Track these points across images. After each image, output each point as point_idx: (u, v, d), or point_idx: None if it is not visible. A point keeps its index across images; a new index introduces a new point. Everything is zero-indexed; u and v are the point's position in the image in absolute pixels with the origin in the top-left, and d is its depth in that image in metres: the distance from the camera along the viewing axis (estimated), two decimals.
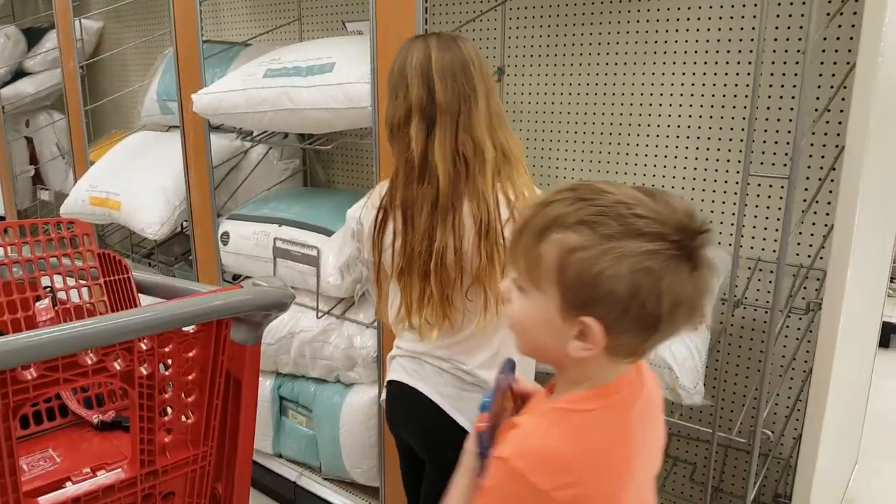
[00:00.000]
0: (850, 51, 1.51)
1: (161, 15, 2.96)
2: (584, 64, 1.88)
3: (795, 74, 1.59)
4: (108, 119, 3.48)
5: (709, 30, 1.69)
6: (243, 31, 2.72)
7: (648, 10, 1.75)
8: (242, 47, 2.47)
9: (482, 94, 1.21)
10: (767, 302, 1.69)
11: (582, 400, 0.73)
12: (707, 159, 1.75)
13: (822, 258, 1.55)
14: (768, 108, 1.63)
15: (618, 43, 1.81)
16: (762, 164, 1.65)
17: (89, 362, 0.85)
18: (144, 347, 0.89)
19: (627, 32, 1.79)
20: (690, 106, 1.74)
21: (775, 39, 1.59)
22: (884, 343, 2.94)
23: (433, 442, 1.35)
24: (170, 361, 0.94)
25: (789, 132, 1.62)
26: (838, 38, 1.52)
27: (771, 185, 1.66)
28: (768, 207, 1.68)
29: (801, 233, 1.60)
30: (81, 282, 1.22)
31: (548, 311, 0.72)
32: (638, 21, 1.77)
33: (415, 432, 1.38)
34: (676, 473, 1.94)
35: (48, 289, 1.20)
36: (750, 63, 1.64)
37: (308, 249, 1.98)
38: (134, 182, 2.37)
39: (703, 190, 1.77)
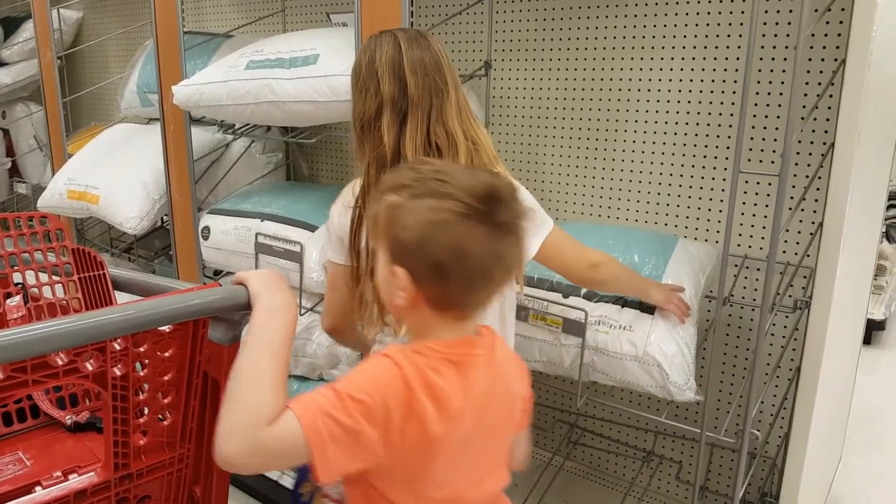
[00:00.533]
0: (837, 47, 1.50)
1: (142, 5, 2.90)
2: (571, 58, 1.86)
3: (784, 71, 1.58)
4: (86, 111, 3.41)
5: (697, 25, 1.67)
6: (226, 23, 2.67)
7: (637, 5, 1.73)
8: (224, 39, 2.42)
9: (452, 88, 1.22)
10: (754, 300, 1.69)
11: (419, 346, 0.84)
12: (694, 155, 1.74)
13: (808, 256, 1.54)
14: (756, 104, 1.61)
15: (606, 37, 1.79)
16: (749, 160, 1.64)
17: (60, 363, 0.81)
18: (118, 347, 0.85)
19: (615, 27, 1.77)
20: (678, 102, 1.72)
21: (763, 35, 1.58)
22: (865, 339, 2.96)
23: None
24: (145, 361, 0.91)
25: (777, 129, 1.61)
26: (826, 35, 1.51)
27: (758, 183, 1.65)
28: (755, 205, 1.67)
29: (787, 230, 1.59)
30: (55, 278, 1.18)
31: (384, 266, 0.85)
32: (626, 15, 1.75)
33: None
34: (662, 472, 1.93)
35: (20, 285, 1.16)
36: (738, 59, 1.63)
37: (291, 245, 1.94)
38: (113, 175, 2.32)
39: (691, 186, 1.76)
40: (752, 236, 1.69)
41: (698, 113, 1.71)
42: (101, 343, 0.82)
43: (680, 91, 1.72)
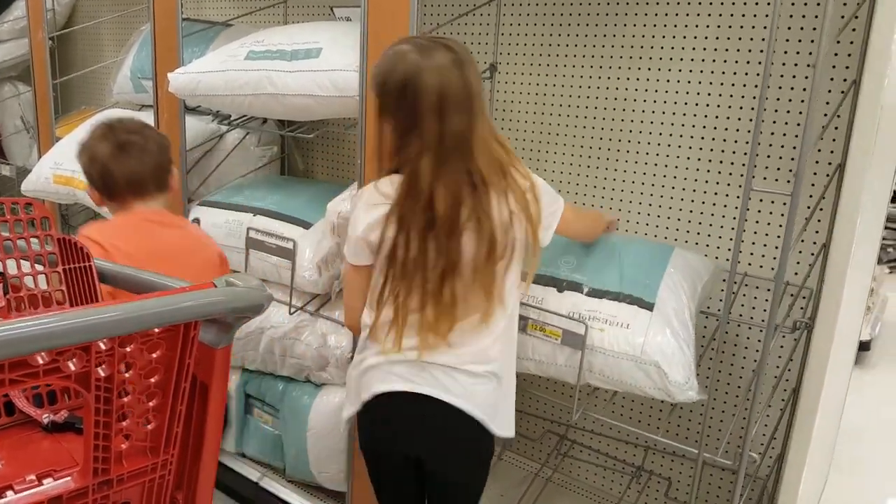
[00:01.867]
0: (847, 67, 1.48)
1: None
2: (579, 63, 1.82)
3: (792, 88, 1.55)
4: (77, 94, 3.33)
5: (711, 34, 1.64)
6: (225, 11, 2.61)
7: (648, 8, 1.70)
8: (223, 27, 2.36)
9: (483, 104, 1.26)
10: (752, 318, 1.66)
11: None
12: (698, 169, 1.71)
13: (809, 276, 1.52)
14: (763, 121, 1.59)
15: (615, 43, 1.76)
16: (764, 178, 1.60)
17: (40, 362, 0.76)
18: (103, 347, 0.81)
19: (626, 33, 1.74)
20: (688, 112, 1.69)
21: (785, 52, 1.55)
22: None
23: (470, 459, 1.34)
24: (131, 363, 0.86)
25: (783, 147, 1.58)
26: (836, 55, 1.48)
27: (761, 200, 1.62)
28: (757, 222, 1.64)
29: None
30: (38, 268, 1.12)
31: None
32: (638, 22, 1.72)
33: (444, 449, 1.32)
34: (650, 488, 1.90)
35: (0, 274, 1.10)
36: (747, 73, 1.60)
37: (284, 242, 1.89)
38: None
39: (693, 200, 1.73)
40: (752, 253, 1.67)
41: (705, 126, 1.68)
42: (86, 343, 0.78)
43: (690, 101, 1.69)
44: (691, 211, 1.73)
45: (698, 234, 1.73)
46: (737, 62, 1.62)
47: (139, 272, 1.07)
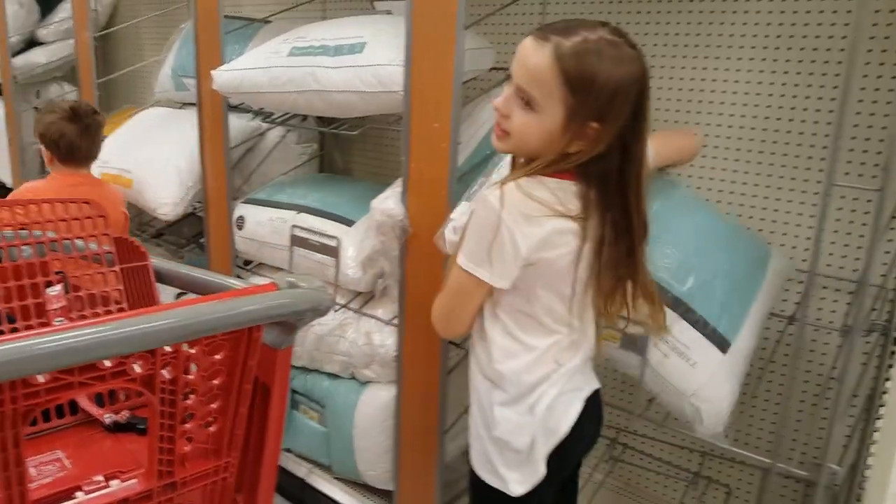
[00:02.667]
0: None
1: None
2: None
3: (888, 77, 1.46)
4: (119, 93, 3.38)
5: (782, 16, 1.56)
6: (262, 8, 2.61)
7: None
8: (262, 24, 2.36)
9: None
10: (818, 319, 1.59)
11: None
12: (772, 164, 1.61)
13: (887, 276, 1.44)
14: (858, 112, 1.48)
15: (678, 31, 1.69)
16: (846, 173, 1.51)
17: (108, 365, 0.76)
18: (168, 350, 0.80)
19: (689, 21, 1.66)
20: (756, 105, 1.60)
21: (872, 38, 1.44)
22: None
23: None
24: (194, 365, 0.85)
25: (867, 139, 1.48)
26: None
27: (843, 197, 1.53)
28: (837, 220, 1.55)
29: (859, 247, 1.50)
30: (96, 267, 1.13)
31: None
32: (703, 8, 1.65)
33: (597, 433, 1.29)
34: (708, 496, 1.85)
35: (60, 274, 1.11)
36: (829, 50, 1.50)
37: (328, 239, 1.89)
38: (147, 160, 2.28)
39: (766, 197, 1.64)
40: (831, 253, 1.58)
41: (780, 118, 1.58)
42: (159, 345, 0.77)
43: (763, 91, 1.59)
44: (764, 208, 1.65)
45: (772, 232, 1.65)
46: (815, 49, 1.52)
47: (197, 271, 1.06)
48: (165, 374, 0.82)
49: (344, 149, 2.52)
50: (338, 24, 1.87)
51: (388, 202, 1.72)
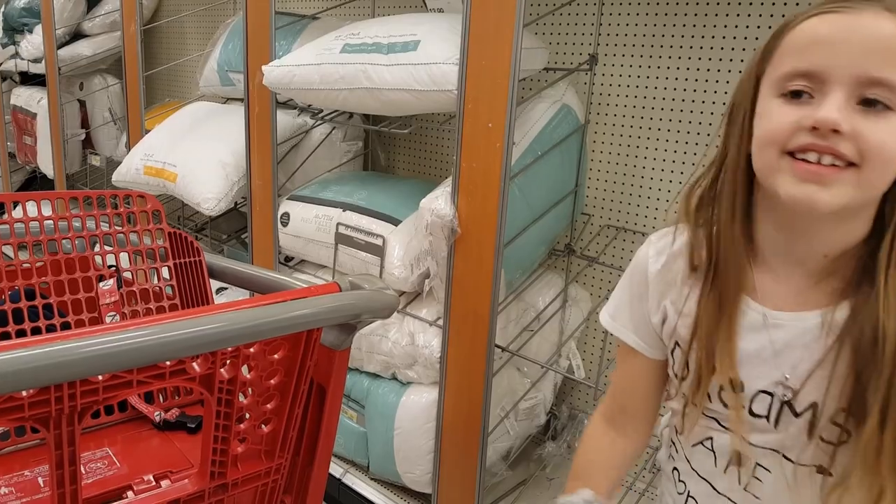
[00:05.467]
0: None
1: None
2: (686, 55, 1.72)
3: None
4: (161, 87, 3.40)
5: None
6: (310, 4, 2.60)
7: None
8: (310, 20, 2.35)
9: None
10: None
11: None
12: None
13: None
14: None
15: (729, 35, 1.65)
16: None
17: (167, 363, 0.74)
18: (229, 349, 0.78)
19: (737, 24, 1.63)
20: None
21: None
22: None
23: None
24: (252, 364, 0.83)
25: None
26: None
27: None
28: None
29: None
30: (149, 262, 1.11)
31: None
32: (751, 11, 1.61)
33: None
34: None
35: (113, 268, 1.10)
36: None
37: (373, 238, 1.86)
38: (192, 154, 2.28)
39: None
40: None
41: None
42: (222, 347, 0.74)
43: None
44: None
45: None
46: None
47: (252, 268, 1.04)
48: (224, 372, 0.79)
49: (388, 147, 2.50)
50: (391, 21, 1.84)
51: (438, 202, 1.69)
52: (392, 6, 2.34)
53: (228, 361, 0.79)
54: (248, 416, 0.87)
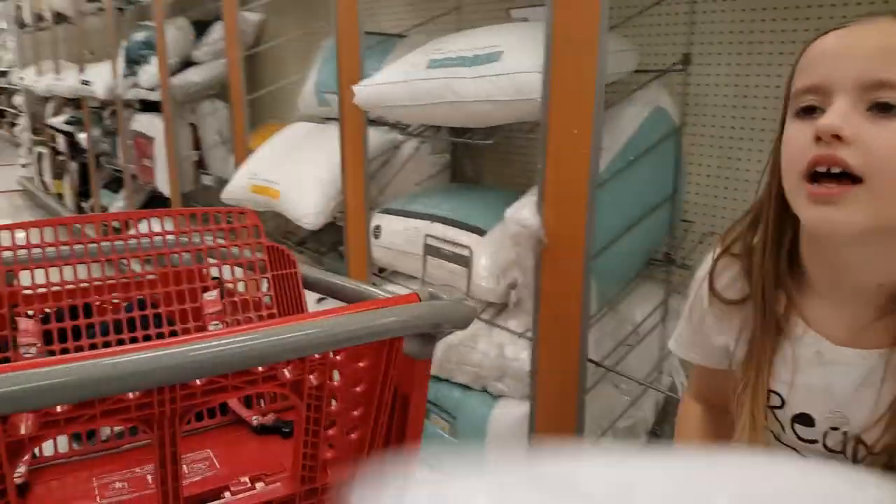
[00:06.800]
0: None
1: (319, 7, 2.99)
2: (786, 52, 1.64)
3: None
4: (264, 109, 3.58)
5: None
6: (399, 23, 2.67)
7: None
8: (398, 39, 2.41)
9: None
10: None
11: None
12: None
13: None
14: None
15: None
16: None
17: (260, 370, 0.78)
18: (316, 356, 0.81)
19: (833, 17, 1.53)
20: None
21: None
22: None
23: None
24: (339, 371, 0.86)
25: None
26: None
27: None
28: None
29: None
30: (249, 273, 1.18)
31: None
32: (850, 11, 1.50)
33: None
34: None
35: (216, 279, 1.17)
36: None
37: (460, 249, 1.88)
38: (293, 172, 2.39)
39: None
40: None
41: None
42: (308, 354, 0.78)
43: None
44: None
45: None
46: None
47: (341, 279, 1.08)
48: (312, 379, 0.83)
49: (474, 158, 2.52)
50: (474, 34, 1.86)
51: (524, 212, 1.69)
52: (477, 20, 2.36)
53: (316, 369, 0.82)
54: (336, 422, 0.90)
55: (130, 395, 0.71)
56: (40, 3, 5.89)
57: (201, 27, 3.50)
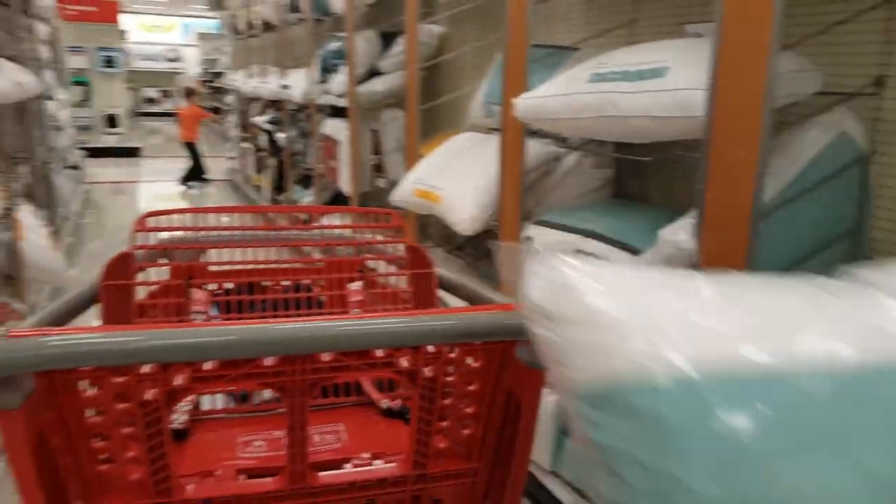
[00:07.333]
0: None
1: (496, 20, 3.07)
2: None
3: None
4: (443, 118, 3.75)
5: None
6: (575, 35, 2.68)
7: None
8: (571, 52, 2.42)
9: None
10: None
11: None
12: None
13: None
14: None
15: None
16: None
17: (379, 355, 0.85)
18: (431, 350, 0.87)
19: None
20: None
21: None
22: None
23: None
24: (454, 368, 0.91)
25: None
26: None
27: None
28: None
29: None
30: (391, 269, 1.27)
31: None
32: None
33: None
34: None
35: (363, 271, 1.27)
36: None
37: None
38: (453, 179, 2.50)
39: None
40: None
41: None
42: (416, 344, 0.84)
43: None
44: None
45: None
46: None
47: (470, 283, 1.14)
48: (427, 371, 0.88)
49: (639, 175, 2.46)
50: (642, 48, 1.84)
51: (679, 234, 1.63)
52: (651, 33, 2.31)
53: (431, 362, 0.88)
54: (449, 415, 0.95)
55: (267, 362, 0.81)
56: (252, 13, 6.63)
57: (389, 39, 3.74)
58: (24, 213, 3.32)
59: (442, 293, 1.26)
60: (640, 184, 2.47)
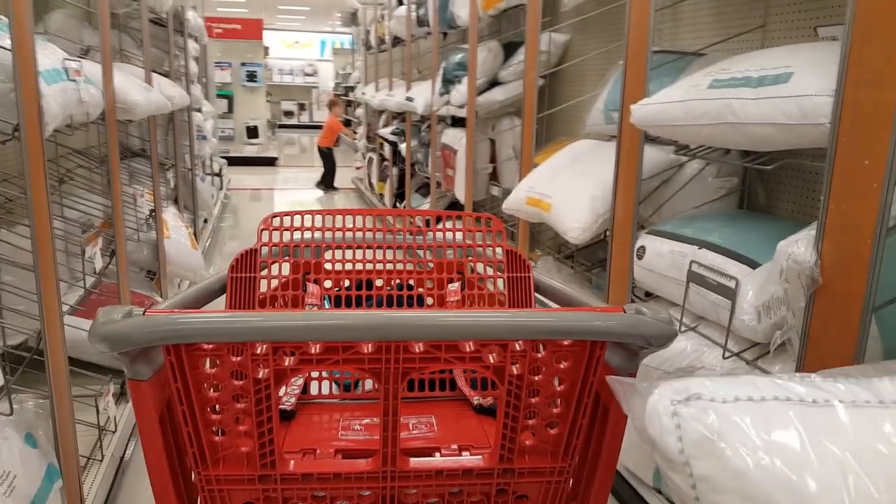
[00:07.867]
0: None
1: (619, 26, 3.04)
2: None
3: None
4: (561, 126, 3.75)
5: None
6: (701, 40, 2.60)
7: None
8: (695, 57, 2.35)
9: None
10: None
11: None
12: None
13: None
14: None
15: None
16: None
17: (468, 349, 0.89)
18: (518, 348, 0.89)
19: None
20: None
21: None
22: None
23: None
24: (542, 368, 0.92)
25: None
26: None
27: None
28: None
29: None
30: (489, 272, 1.30)
31: None
32: None
33: None
34: None
35: (461, 274, 1.32)
36: None
37: (726, 279, 1.78)
38: (566, 187, 2.49)
39: None
40: None
41: None
42: (505, 341, 0.87)
43: None
44: None
45: None
46: None
47: (568, 289, 1.15)
48: (514, 369, 0.91)
49: (768, 184, 2.34)
50: (767, 53, 1.76)
51: (798, 246, 1.54)
52: (783, 37, 2.20)
53: (518, 360, 0.90)
54: (537, 414, 0.97)
55: (365, 349, 0.87)
56: (382, 28, 6.91)
57: (511, 49, 3.78)
58: (169, 214, 3.67)
59: (541, 297, 1.27)
60: (768, 194, 2.35)
